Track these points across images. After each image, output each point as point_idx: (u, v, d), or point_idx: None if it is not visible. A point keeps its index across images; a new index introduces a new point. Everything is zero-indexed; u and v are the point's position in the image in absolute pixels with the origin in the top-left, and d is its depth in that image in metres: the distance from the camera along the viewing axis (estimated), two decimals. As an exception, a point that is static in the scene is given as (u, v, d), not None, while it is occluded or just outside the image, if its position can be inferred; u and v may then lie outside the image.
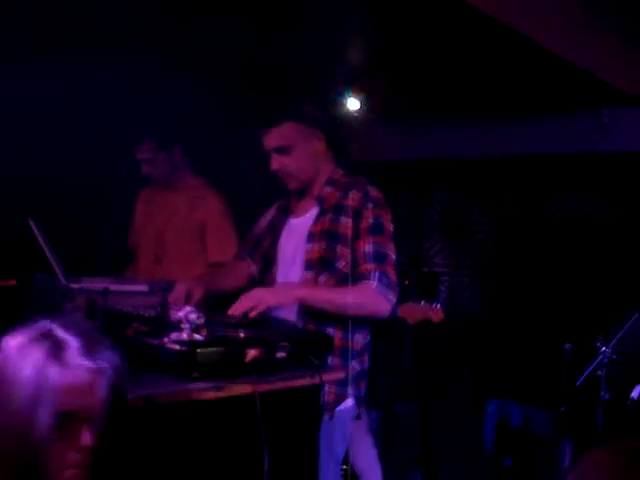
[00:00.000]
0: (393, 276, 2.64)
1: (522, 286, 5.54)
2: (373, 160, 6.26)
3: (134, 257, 4.03)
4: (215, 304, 2.99)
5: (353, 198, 2.68)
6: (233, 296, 2.63)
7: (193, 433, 1.99)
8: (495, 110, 5.57)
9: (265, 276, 2.88)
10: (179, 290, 2.78)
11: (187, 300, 2.81)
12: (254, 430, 2.05)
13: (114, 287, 2.75)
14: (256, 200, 3.50)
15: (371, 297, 2.60)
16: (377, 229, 2.65)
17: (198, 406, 1.99)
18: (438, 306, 4.21)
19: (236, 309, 2.46)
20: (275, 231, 2.89)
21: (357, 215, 2.65)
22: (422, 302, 4.22)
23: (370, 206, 2.66)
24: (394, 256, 2.69)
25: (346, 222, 2.66)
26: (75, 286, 2.78)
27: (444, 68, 4.69)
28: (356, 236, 2.64)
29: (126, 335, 2.26)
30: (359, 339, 2.71)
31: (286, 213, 2.90)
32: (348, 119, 5.77)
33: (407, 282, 4.84)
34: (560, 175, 5.47)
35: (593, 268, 5.15)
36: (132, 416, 1.85)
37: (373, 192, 2.70)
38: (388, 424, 4.87)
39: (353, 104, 5.70)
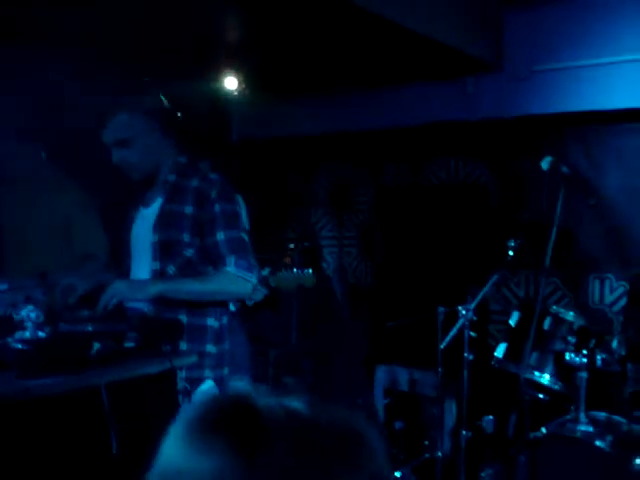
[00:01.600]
0: (249, 258, 2.71)
1: (403, 253, 5.71)
2: (259, 137, 6.34)
3: None
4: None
5: (196, 186, 2.73)
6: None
7: (41, 431, 2.03)
8: (369, 83, 5.68)
9: (121, 267, 2.91)
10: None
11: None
12: (105, 422, 2.11)
13: (-30, 287, 2.75)
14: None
15: (231, 282, 2.68)
16: (225, 216, 2.70)
17: (44, 403, 2.03)
18: (310, 271, 4.35)
19: (99, 303, 2.50)
20: (129, 222, 2.92)
21: (200, 202, 2.70)
22: (294, 270, 4.35)
23: (214, 192, 2.70)
24: (246, 237, 2.75)
25: (191, 210, 2.70)
26: None
27: (310, 47, 4.77)
28: (204, 224, 2.69)
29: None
30: (212, 322, 2.78)
31: (137, 203, 2.93)
32: (225, 98, 5.82)
33: (289, 259, 4.93)
34: (433, 144, 5.63)
35: (466, 233, 5.34)
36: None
37: (215, 178, 2.75)
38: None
39: (230, 83, 5.75)
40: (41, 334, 2.14)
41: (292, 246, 5.12)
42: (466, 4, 4.87)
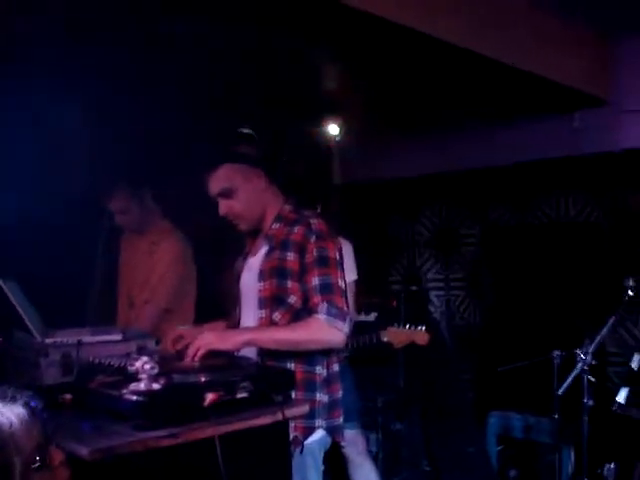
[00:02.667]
0: (342, 304, 2.67)
1: (512, 294, 5.56)
2: (361, 181, 6.35)
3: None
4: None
5: (297, 233, 2.72)
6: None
7: (156, 482, 2.04)
8: (473, 124, 5.62)
9: (232, 316, 2.93)
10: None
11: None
12: (219, 474, 2.10)
13: (88, 338, 2.81)
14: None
15: (321, 330, 2.64)
16: (321, 261, 2.68)
17: (158, 455, 2.03)
18: (423, 329, 4.26)
19: (187, 354, 2.51)
20: (238, 272, 2.94)
21: (302, 249, 2.69)
22: (407, 326, 4.26)
23: (313, 239, 2.69)
24: (342, 284, 2.72)
25: (293, 257, 2.70)
26: (49, 341, 2.83)
27: (413, 90, 4.77)
28: (303, 271, 2.68)
29: (89, 388, 2.31)
30: (321, 370, 2.74)
31: (245, 253, 2.96)
32: (328, 143, 5.87)
33: (395, 303, 4.87)
34: (540, 181, 5.50)
35: (579, 272, 5.16)
36: (92, 469, 1.91)
37: (316, 225, 2.73)
38: (388, 445, 4.89)
39: (332, 129, 5.80)
40: (156, 385, 2.15)
41: (397, 289, 5.07)
42: (576, 40, 4.79)
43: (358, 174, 6.41)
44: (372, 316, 4.84)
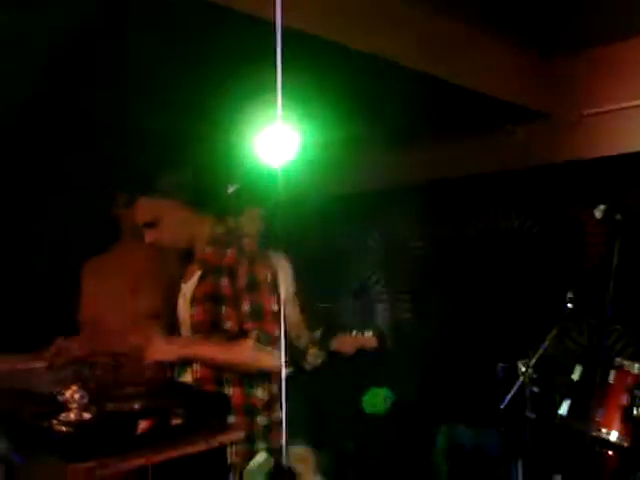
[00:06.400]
0: (272, 330, 2.66)
1: (459, 308, 5.59)
2: (302, 195, 6.34)
3: None
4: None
5: (230, 256, 2.70)
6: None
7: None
8: (419, 140, 5.66)
9: None
10: None
11: None
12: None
13: (20, 365, 2.75)
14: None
15: (251, 355, 2.63)
16: (252, 286, 2.66)
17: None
18: (370, 333, 4.25)
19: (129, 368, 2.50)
20: (175, 298, 2.90)
21: (233, 274, 2.67)
22: (354, 332, 4.25)
23: (245, 264, 2.67)
24: (274, 307, 2.69)
25: (226, 282, 2.67)
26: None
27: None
28: (236, 295, 2.65)
29: (19, 417, 2.25)
30: (261, 394, 2.72)
31: (179, 278, 2.92)
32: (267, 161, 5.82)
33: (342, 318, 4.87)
34: (482, 194, 5.55)
35: (524, 284, 5.21)
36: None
37: (247, 247, 2.72)
38: (340, 463, 4.86)
39: (273, 146, 5.75)
40: (86, 415, 2.10)
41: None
42: (517, 57, 4.86)
43: (302, 188, 6.40)
44: (318, 334, 4.82)
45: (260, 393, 2.71)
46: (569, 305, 3.76)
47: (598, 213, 3.42)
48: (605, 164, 4.96)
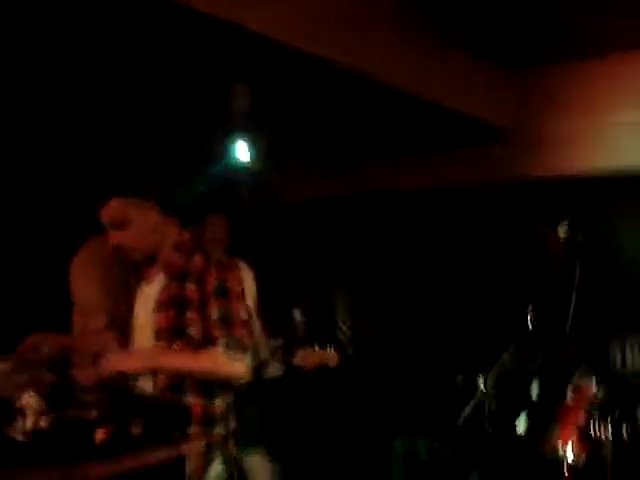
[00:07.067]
0: (243, 336, 2.62)
1: (419, 319, 5.61)
2: (261, 205, 6.32)
3: None
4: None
5: (197, 262, 2.68)
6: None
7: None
8: (380, 151, 5.68)
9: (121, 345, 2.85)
10: None
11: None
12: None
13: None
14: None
15: (220, 364, 2.60)
16: (221, 292, 2.63)
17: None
18: (332, 350, 4.23)
19: (87, 374, 2.45)
20: (130, 298, 2.85)
21: (201, 280, 2.64)
22: (316, 347, 4.23)
23: (213, 270, 2.65)
24: (244, 315, 2.67)
25: (193, 287, 2.64)
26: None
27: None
28: (203, 302, 2.63)
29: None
30: (220, 403, 2.69)
31: (140, 279, 2.87)
32: (239, 168, 5.80)
33: (302, 331, 4.83)
34: (448, 209, 5.59)
35: (482, 299, 5.25)
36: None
37: (216, 253, 2.69)
38: (293, 473, 4.84)
39: (244, 153, 5.73)
40: (43, 423, 2.05)
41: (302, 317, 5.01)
42: (486, 73, 4.89)
43: (271, 196, 6.38)
44: (279, 341, 4.79)
45: (219, 402, 2.68)
46: (529, 320, 3.79)
47: (562, 232, 3.46)
48: (566, 184, 5.02)
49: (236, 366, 2.60)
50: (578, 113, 4.98)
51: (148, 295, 2.74)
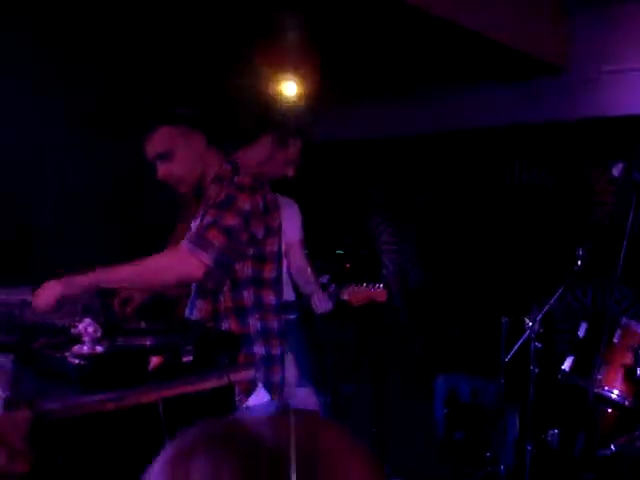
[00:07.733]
0: (214, 239, 2.55)
1: (465, 261, 5.59)
2: (314, 142, 6.27)
3: None
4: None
5: (222, 189, 2.66)
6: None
7: (98, 447, 2.00)
8: (429, 88, 5.59)
9: None
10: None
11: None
12: (162, 438, 2.07)
13: (31, 297, 2.75)
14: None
15: (177, 258, 2.56)
16: (222, 204, 2.60)
17: (100, 418, 2.00)
18: (381, 286, 4.23)
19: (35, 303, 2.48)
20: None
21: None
22: (364, 284, 4.23)
23: (226, 185, 2.63)
24: (228, 225, 2.58)
25: None
26: (-10, 299, 2.75)
27: (371, 49, 4.70)
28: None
29: (32, 349, 2.26)
30: (254, 322, 2.71)
31: (189, 217, 2.89)
32: (284, 104, 5.75)
33: (348, 266, 4.85)
34: (495, 148, 5.51)
35: (531, 240, 5.20)
36: (33, 432, 1.87)
37: (239, 179, 2.67)
38: (338, 407, 4.91)
39: (289, 88, 5.69)
40: (99, 348, 2.10)
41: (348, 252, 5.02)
42: (532, 5, 4.76)
43: (315, 134, 6.34)
44: (325, 278, 4.81)
45: (252, 322, 2.70)
46: (579, 262, 3.75)
47: (615, 171, 3.39)
48: (620, 123, 4.91)
49: (194, 263, 2.53)
50: (633, 54, 4.85)
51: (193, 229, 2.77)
